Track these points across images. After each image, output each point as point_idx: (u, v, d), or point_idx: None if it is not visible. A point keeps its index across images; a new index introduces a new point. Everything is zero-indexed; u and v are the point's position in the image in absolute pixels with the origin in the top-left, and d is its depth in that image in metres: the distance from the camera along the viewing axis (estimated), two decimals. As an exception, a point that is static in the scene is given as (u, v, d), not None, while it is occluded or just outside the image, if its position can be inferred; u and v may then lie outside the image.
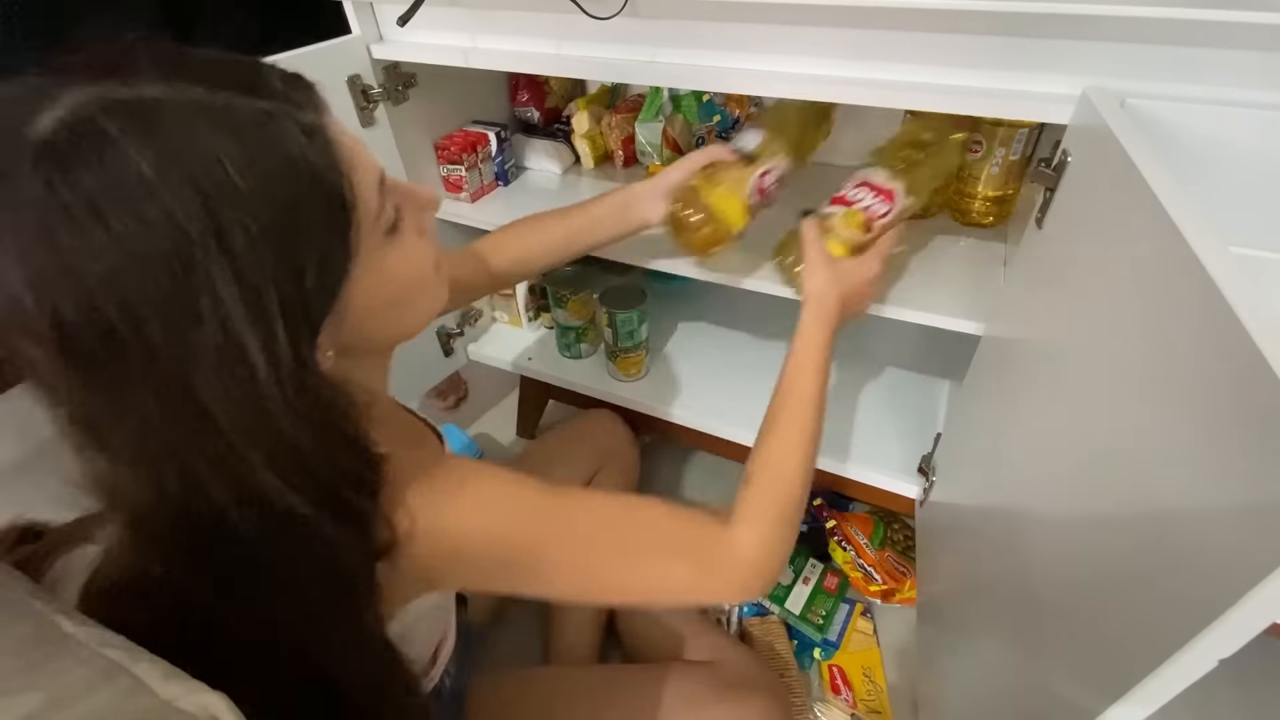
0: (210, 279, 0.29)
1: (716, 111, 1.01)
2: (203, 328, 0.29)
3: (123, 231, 0.28)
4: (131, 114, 0.28)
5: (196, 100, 0.30)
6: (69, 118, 0.28)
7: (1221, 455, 0.29)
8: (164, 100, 0.29)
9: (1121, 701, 0.31)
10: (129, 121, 0.28)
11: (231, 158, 0.29)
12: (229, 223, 0.29)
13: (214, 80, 0.31)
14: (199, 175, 0.29)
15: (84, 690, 0.26)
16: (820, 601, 1.00)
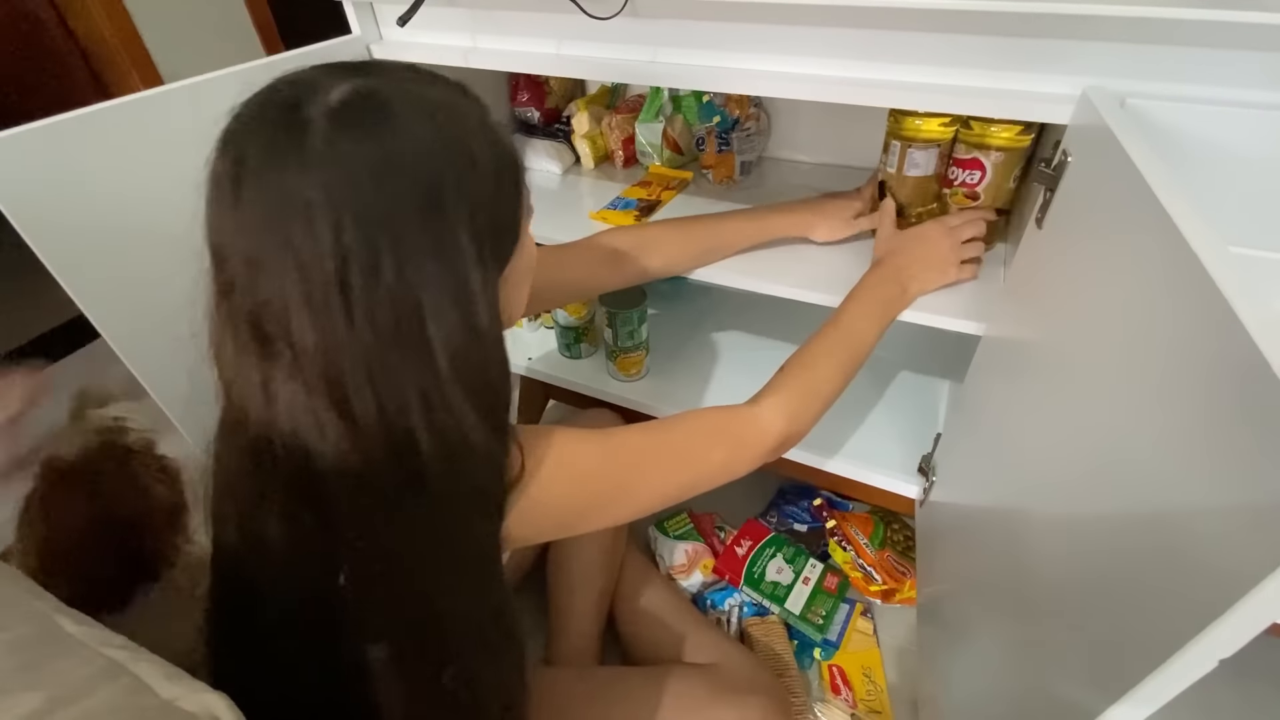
0: (453, 223, 0.37)
1: (716, 112, 1.01)
2: (442, 259, 0.37)
3: (400, 171, 0.35)
4: (405, 95, 0.37)
5: (441, 91, 0.40)
6: (358, 90, 0.36)
7: (1221, 455, 0.29)
8: (423, 91, 0.39)
9: (1121, 701, 0.31)
10: (402, 100, 0.37)
11: (472, 132, 0.39)
12: (467, 179, 0.38)
13: (441, 83, 0.41)
14: (451, 141, 0.38)
15: (85, 690, 0.26)
16: (820, 601, 1.00)
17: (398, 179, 0.35)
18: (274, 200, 0.34)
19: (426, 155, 0.36)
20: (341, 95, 0.35)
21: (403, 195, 0.36)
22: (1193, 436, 0.31)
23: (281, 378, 0.37)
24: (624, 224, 0.92)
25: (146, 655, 0.29)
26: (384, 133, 0.35)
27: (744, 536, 1.09)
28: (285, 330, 0.36)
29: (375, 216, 0.35)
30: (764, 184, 1.02)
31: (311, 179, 0.34)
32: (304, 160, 0.34)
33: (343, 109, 0.35)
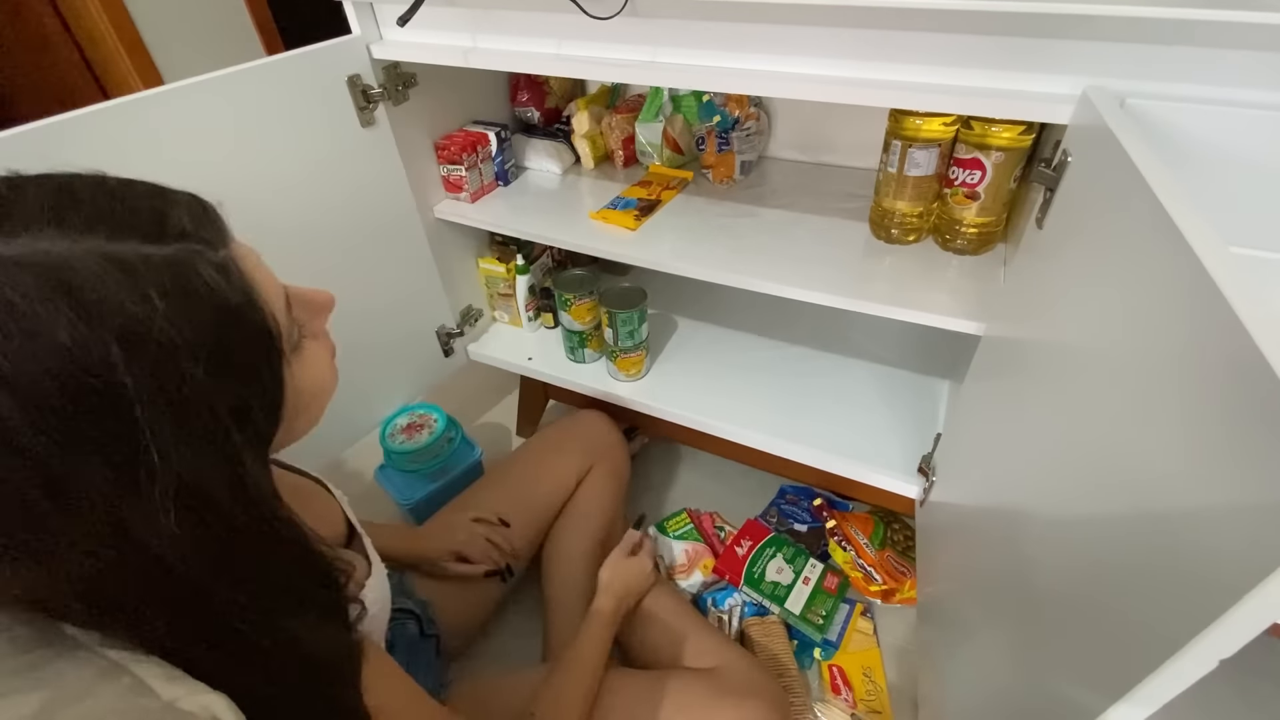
0: (153, 434, 0.26)
1: (716, 111, 1.01)
2: (155, 483, 0.27)
3: (48, 400, 0.24)
4: (38, 276, 0.25)
5: (104, 253, 0.27)
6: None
7: (1222, 455, 0.29)
8: (69, 257, 0.26)
9: (1121, 701, 0.31)
10: (37, 285, 0.25)
11: (152, 314, 0.27)
12: (164, 377, 0.27)
13: (115, 226, 0.29)
14: (124, 336, 0.26)
15: (85, 690, 0.26)
16: (820, 601, 1.00)
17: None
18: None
19: (74, 365, 0.25)
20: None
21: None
22: (1193, 436, 0.31)
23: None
24: (624, 224, 0.92)
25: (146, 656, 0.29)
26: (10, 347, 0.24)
27: (744, 536, 1.09)
28: None
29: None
30: (764, 184, 1.03)
31: None
32: None
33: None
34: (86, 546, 0.27)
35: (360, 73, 0.83)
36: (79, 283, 0.25)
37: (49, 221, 0.27)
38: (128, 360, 0.26)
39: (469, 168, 0.99)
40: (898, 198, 0.81)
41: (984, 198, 0.76)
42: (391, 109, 0.88)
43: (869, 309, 0.75)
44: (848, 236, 0.87)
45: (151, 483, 0.27)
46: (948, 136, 0.75)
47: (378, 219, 0.93)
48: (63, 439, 0.25)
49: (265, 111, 0.76)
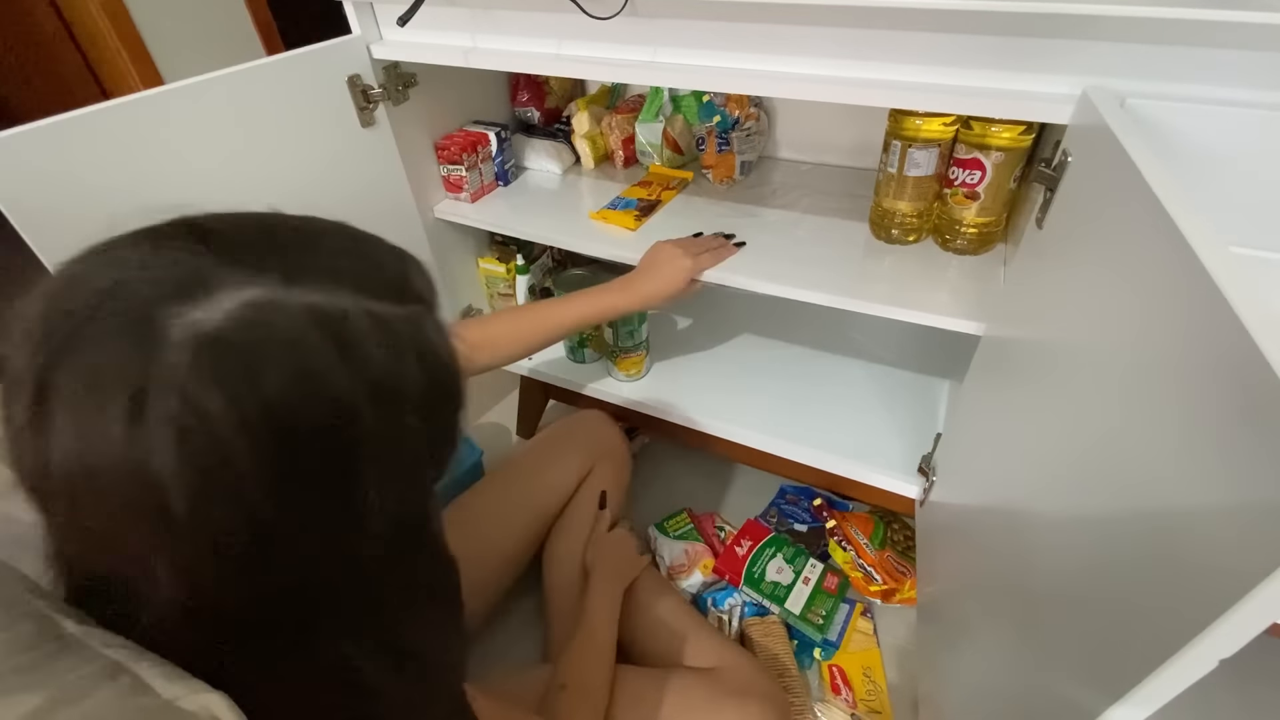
0: (372, 472, 0.29)
1: (716, 111, 1.01)
2: (366, 512, 0.30)
3: (296, 432, 0.27)
4: (321, 326, 0.27)
5: (369, 311, 0.29)
6: (243, 313, 0.26)
7: (1222, 455, 0.29)
8: (346, 311, 0.28)
9: (1121, 701, 0.31)
10: (320, 334, 0.27)
11: (400, 371, 0.30)
12: (392, 425, 0.30)
13: (369, 283, 0.31)
14: (375, 388, 0.28)
15: (85, 690, 0.26)
16: (820, 601, 1.00)
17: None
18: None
19: (336, 398, 0.28)
20: (223, 317, 0.26)
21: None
22: (1193, 436, 0.31)
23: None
24: (624, 224, 0.92)
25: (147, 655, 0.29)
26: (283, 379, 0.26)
27: (744, 536, 1.09)
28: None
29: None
30: (764, 184, 1.03)
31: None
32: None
33: (218, 340, 0.26)
34: (291, 566, 0.29)
35: (360, 73, 0.83)
36: (351, 338, 0.28)
37: (311, 270, 0.29)
38: (373, 410, 0.28)
39: (469, 168, 0.99)
40: (898, 198, 0.81)
41: (984, 198, 0.76)
42: (391, 109, 0.88)
43: (869, 309, 0.75)
44: (848, 236, 0.87)
45: (362, 512, 0.29)
46: (948, 136, 0.75)
47: (378, 219, 0.92)
48: (293, 468, 0.27)
49: (265, 111, 0.76)
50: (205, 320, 0.25)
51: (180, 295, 0.26)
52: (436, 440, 0.34)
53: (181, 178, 0.71)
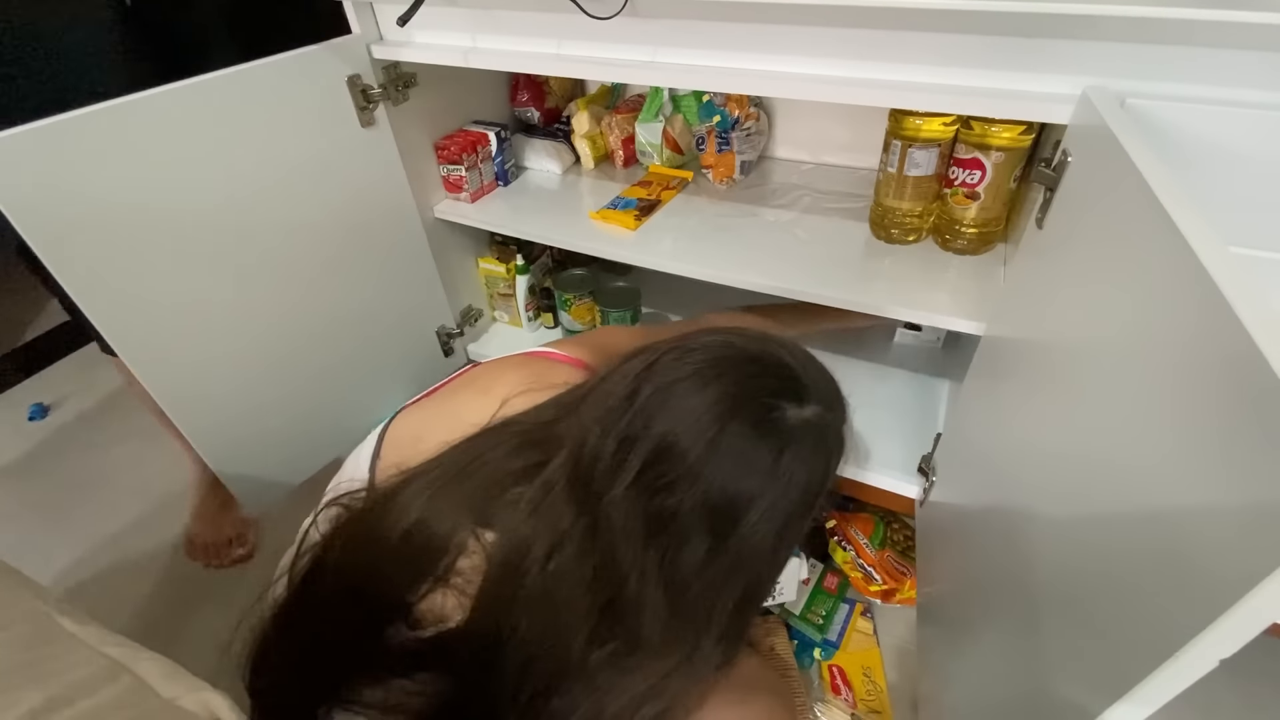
0: (803, 518, 0.50)
1: (716, 111, 1.01)
2: (784, 543, 0.51)
3: (806, 479, 0.48)
4: (819, 438, 0.49)
5: (834, 421, 0.51)
6: (815, 418, 0.49)
7: (1222, 455, 0.29)
8: (831, 423, 0.51)
9: (1121, 701, 0.31)
10: (824, 431, 0.50)
11: (833, 461, 0.52)
12: (818, 493, 0.50)
13: (833, 406, 0.51)
14: (827, 477, 0.51)
15: (86, 689, 0.26)
16: (820, 601, 0.99)
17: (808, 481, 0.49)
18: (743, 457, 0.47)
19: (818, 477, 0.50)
20: (809, 416, 0.48)
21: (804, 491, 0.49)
22: (1193, 436, 0.31)
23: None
24: (624, 224, 0.92)
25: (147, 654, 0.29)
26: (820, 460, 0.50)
27: (744, 536, 1.08)
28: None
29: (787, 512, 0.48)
30: (764, 183, 1.03)
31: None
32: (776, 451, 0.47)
33: (808, 425, 0.48)
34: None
35: (360, 73, 0.83)
36: (832, 446, 0.51)
37: (827, 404, 0.50)
38: (825, 489, 0.51)
39: (469, 168, 0.99)
40: (898, 198, 0.81)
41: (984, 198, 0.76)
42: (391, 109, 0.88)
43: (869, 309, 0.75)
44: (848, 236, 0.87)
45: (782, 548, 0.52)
46: (948, 136, 0.75)
47: (378, 219, 0.93)
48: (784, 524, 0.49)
49: (265, 111, 0.76)
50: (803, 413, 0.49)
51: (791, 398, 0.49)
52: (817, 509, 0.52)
53: (181, 177, 0.71)
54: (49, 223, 0.62)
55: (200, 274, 0.75)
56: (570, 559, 0.48)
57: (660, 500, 0.46)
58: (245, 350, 0.83)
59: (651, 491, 0.46)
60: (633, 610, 0.48)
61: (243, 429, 0.86)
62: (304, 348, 0.89)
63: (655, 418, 0.47)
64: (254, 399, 0.86)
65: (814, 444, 0.48)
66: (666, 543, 0.47)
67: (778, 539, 0.49)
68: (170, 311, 0.74)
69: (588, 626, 0.49)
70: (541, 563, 0.49)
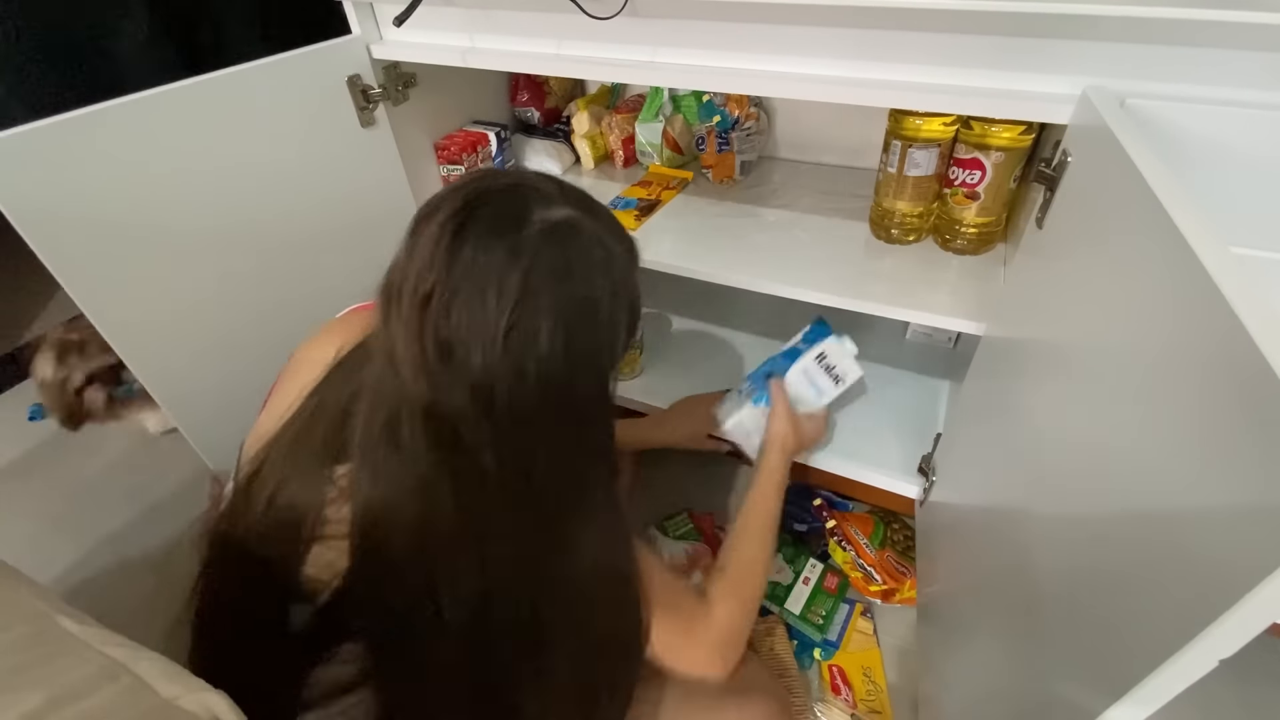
0: (613, 325, 0.49)
1: (716, 111, 1.01)
2: (602, 356, 0.49)
3: (580, 286, 0.46)
4: (593, 227, 0.48)
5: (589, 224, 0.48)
6: (563, 218, 0.46)
7: (1222, 455, 0.29)
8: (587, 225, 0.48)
9: (1121, 701, 0.31)
10: (593, 232, 0.48)
11: (621, 257, 0.50)
12: (619, 294, 0.49)
13: (591, 211, 0.50)
14: (611, 266, 0.49)
15: (86, 689, 0.26)
16: (820, 601, 0.99)
17: (572, 286, 0.46)
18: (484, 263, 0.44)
19: (592, 279, 0.47)
20: (558, 218, 0.46)
21: (572, 298, 0.46)
22: (1193, 436, 0.31)
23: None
24: (624, 223, 0.92)
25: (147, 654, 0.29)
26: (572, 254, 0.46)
27: (744, 536, 1.08)
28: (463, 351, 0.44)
29: (546, 305, 0.44)
30: (764, 184, 1.03)
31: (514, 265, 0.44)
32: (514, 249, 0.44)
33: (556, 227, 0.46)
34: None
35: (360, 73, 0.83)
36: (594, 245, 0.48)
37: (598, 215, 0.50)
38: (611, 296, 0.49)
39: (469, 168, 0.99)
40: (898, 198, 0.81)
41: (984, 198, 0.76)
42: (391, 109, 0.88)
43: (869, 309, 0.75)
44: (848, 236, 0.87)
45: (609, 353, 0.51)
46: (948, 136, 0.75)
47: (378, 219, 0.93)
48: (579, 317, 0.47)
49: (265, 111, 0.76)
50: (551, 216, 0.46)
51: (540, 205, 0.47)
52: (628, 330, 0.52)
53: (181, 177, 0.71)
54: (48, 222, 0.62)
55: (200, 273, 0.75)
56: (420, 457, 0.46)
57: (462, 354, 0.44)
58: (244, 349, 0.83)
59: (451, 349, 0.44)
60: (499, 480, 0.47)
61: (240, 427, 0.86)
62: (304, 348, 0.89)
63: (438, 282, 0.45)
64: (251, 397, 0.86)
65: (565, 241, 0.46)
66: (490, 393, 0.45)
67: (566, 351, 0.45)
68: (169, 310, 0.74)
69: (464, 522, 0.47)
70: (397, 471, 0.47)
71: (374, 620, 0.49)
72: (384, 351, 0.47)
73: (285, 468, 0.51)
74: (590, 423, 0.51)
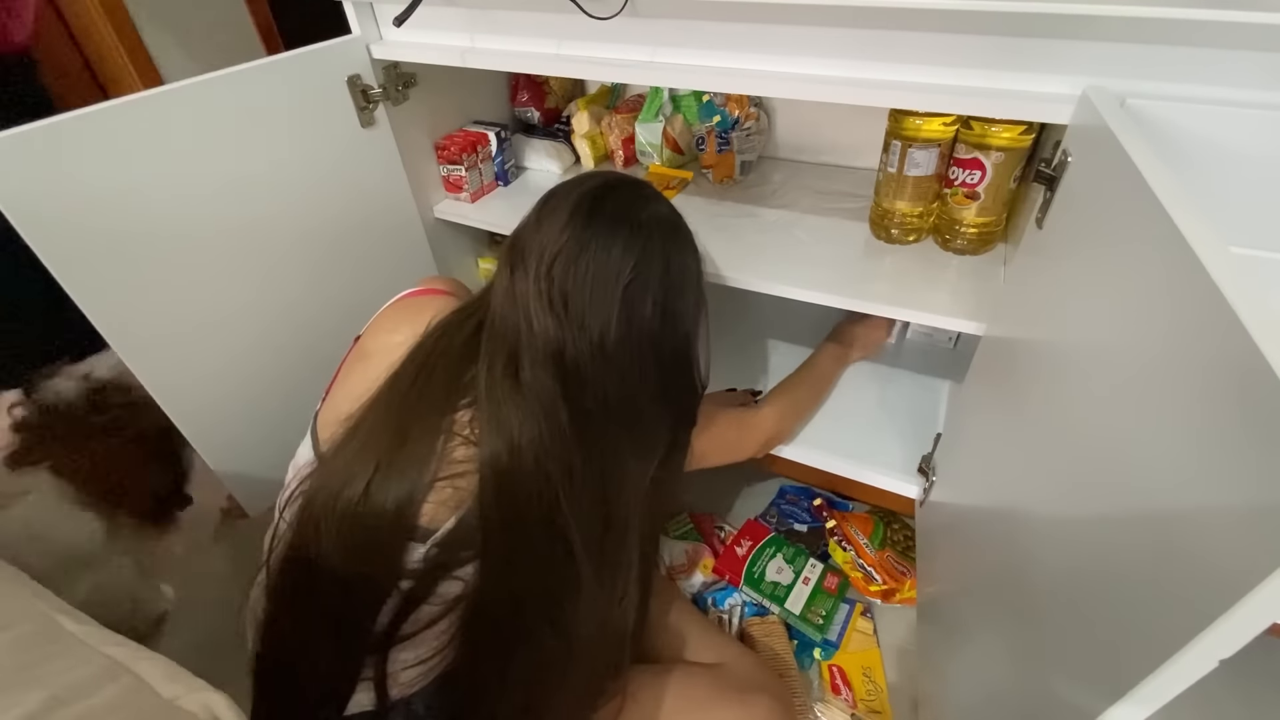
0: (698, 303, 0.63)
1: (716, 111, 1.01)
2: (688, 321, 0.62)
3: (680, 263, 0.61)
4: (686, 227, 0.64)
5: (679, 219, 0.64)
6: (670, 214, 0.62)
7: (1222, 455, 0.29)
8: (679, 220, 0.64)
9: (1121, 701, 0.31)
10: (686, 230, 0.64)
11: (698, 255, 0.64)
12: (701, 281, 0.64)
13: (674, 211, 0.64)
14: (697, 258, 0.64)
15: (86, 688, 0.26)
16: (820, 601, 1.00)
17: (676, 261, 0.60)
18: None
19: (686, 262, 0.62)
20: (666, 212, 0.61)
21: (673, 269, 0.59)
22: (1193, 436, 0.31)
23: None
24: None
25: (147, 654, 0.29)
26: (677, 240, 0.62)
27: (744, 536, 1.09)
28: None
29: (658, 271, 0.57)
30: (764, 184, 1.03)
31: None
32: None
33: (663, 219, 0.60)
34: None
35: (360, 73, 0.83)
36: (685, 234, 0.64)
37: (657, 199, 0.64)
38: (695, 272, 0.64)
39: (469, 168, 0.99)
40: (898, 198, 0.81)
41: (984, 198, 0.76)
42: (391, 109, 0.88)
43: (869, 309, 0.75)
44: (848, 236, 0.87)
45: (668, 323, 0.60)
46: (948, 136, 0.75)
47: (378, 219, 0.93)
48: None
49: (265, 111, 0.76)
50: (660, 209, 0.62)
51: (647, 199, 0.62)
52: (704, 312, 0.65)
53: (181, 177, 0.71)
54: (48, 222, 0.62)
55: (199, 273, 0.75)
56: (542, 392, 0.54)
57: (582, 302, 0.54)
58: (244, 349, 0.83)
59: (573, 298, 0.54)
60: (604, 411, 0.56)
61: (241, 428, 0.86)
62: (303, 347, 0.89)
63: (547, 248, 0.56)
64: (252, 398, 0.86)
65: (670, 230, 0.60)
66: (604, 336, 0.54)
67: (665, 309, 0.57)
68: (168, 311, 0.74)
69: (576, 443, 0.54)
70: (520, 404, 0.54)
71: (500, 538, 0.54)
72: (508, 303, 0.56)
73: (400, 417, 0.56)
74: (679, 373, 0.62)
